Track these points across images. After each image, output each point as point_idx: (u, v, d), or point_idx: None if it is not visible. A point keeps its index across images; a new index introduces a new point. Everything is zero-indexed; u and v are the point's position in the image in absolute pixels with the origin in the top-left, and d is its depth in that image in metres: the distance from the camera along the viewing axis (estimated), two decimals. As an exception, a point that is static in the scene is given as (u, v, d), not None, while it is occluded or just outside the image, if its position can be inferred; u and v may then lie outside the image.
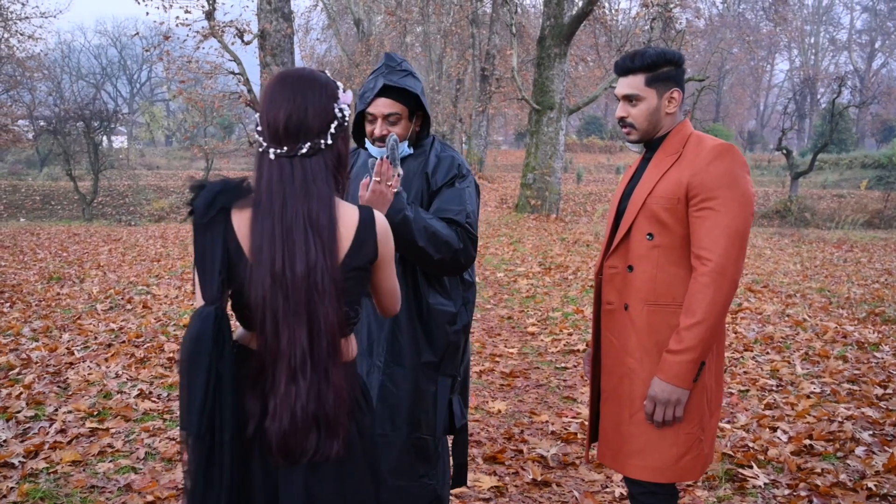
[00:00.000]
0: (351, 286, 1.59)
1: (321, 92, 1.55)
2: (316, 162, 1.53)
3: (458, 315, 2.39)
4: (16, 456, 3.44)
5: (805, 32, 51.67)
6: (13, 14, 30.46)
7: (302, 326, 1.48)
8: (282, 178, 1.51)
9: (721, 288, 1.93)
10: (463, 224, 2.31)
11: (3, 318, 6.55)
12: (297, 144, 1.52)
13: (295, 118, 1.51)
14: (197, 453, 1.48)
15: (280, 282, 1.47)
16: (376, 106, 2.32)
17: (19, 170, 32.69)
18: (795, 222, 20.95)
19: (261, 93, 1.67)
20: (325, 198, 1.52)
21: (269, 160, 1.52)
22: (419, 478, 2.33)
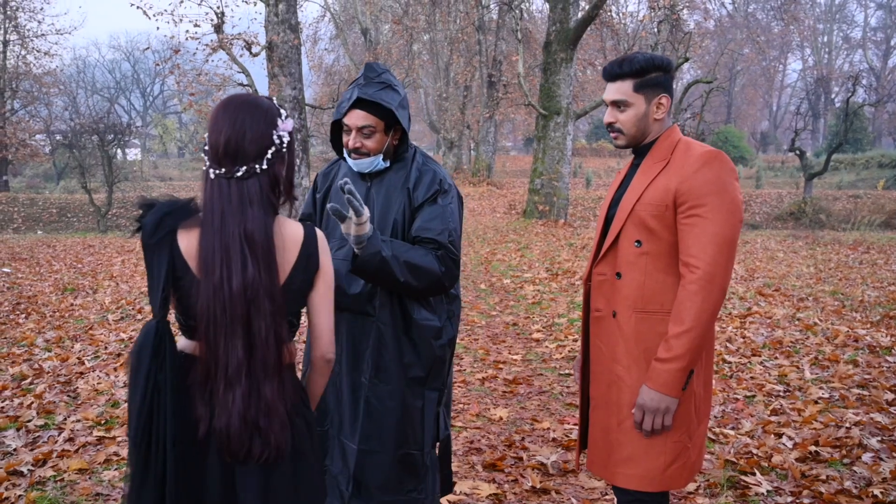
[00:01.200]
0: (296, 298, 1.67)
1: (261, 118, 1.62)
2: (251, 184, 1.60)
3: (443, 329, 2.38)
4: (25, 464, 3.50)
5: (818, 31, 51.18)
6: (30, 31, 30.98)
7: (238, 338, 1.56)
8: (220, 196, 1.59)
9: (709, 296, 1.92)
10: (445, 245, 2.30)
11: (19, 330, 6.64)
12: (234, 167, 1.60)
13: (233, 142, 1.59)
14: (134, 458, 1.58)
15: (218, 295, 1.55)
16: (350, 117, 2.30)
17: (37, 183, 33.15)
18: (810, 224, 20.74)
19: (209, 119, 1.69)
20: (258, 217, 1.59)
21: (210, 179, 1.61)
22: (407, 492, 2.32)
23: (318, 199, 2.50)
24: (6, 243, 15.14)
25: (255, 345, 1.56)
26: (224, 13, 14.00)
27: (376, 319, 2.32)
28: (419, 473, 2.35)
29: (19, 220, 23.47)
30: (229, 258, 1.56)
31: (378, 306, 2.32)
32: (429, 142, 59.37)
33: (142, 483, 1.58)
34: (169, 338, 1.59)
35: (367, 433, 2.28)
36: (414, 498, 2.33)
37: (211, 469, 1.62)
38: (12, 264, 11.53)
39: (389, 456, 2.29)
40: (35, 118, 32.13)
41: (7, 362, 5.45)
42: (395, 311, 2.32)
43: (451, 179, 2.45)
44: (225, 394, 1.56)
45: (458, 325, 2.53)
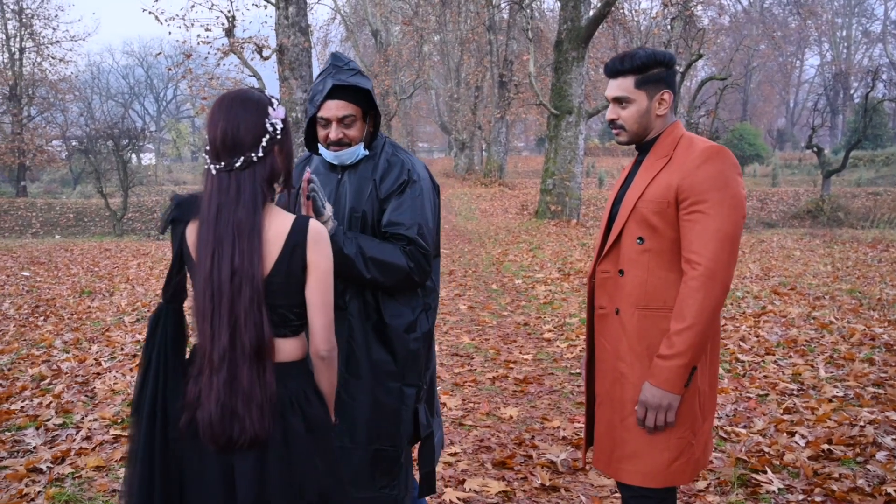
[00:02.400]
0: (284, 290, 1.70)
1: (252, 108, 1.70)
2: (248, 174, 1.68)
3: (416, 322, 2.32)
4: (44, 462, 3.58)
5: (836, 25, 50.55)
6: (45, 38, 31.41)
7: (224, 326, 1.63)
8: (219, 190, 1.67)
9: (711, 292, 1.92)
10: (414, 239, 2.24)
11: (38, 332, 6.75)
12: (232, 159, 1.67)
13: (229, 134, 1.67)
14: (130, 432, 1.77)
15: (208, 284, 1.65)
16: (328, 109, 2.22)
17: (54, 188, 33.60)
18: (828, 222, 20.54)
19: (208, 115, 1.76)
20: (250, 207, 1.66)
21: (210, 175, 1.69)
22: (380, 489, 2.28)
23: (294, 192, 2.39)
24: (25, 248, 15.36)
25: (236, 332, 1.63)
26: (235, 17, 14.13)
27: (346, 312, 2.26)
28: (393, 470, 2.30)
29: (37, 225, 23.80)
30: (221, 248, 1.64)
31: (348, 299, 2.26)
32: (440, 143, 59.42)
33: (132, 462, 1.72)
34: (172, 322, 1.74)
35: (339, 429, 2.22)
36: (387, 494, 2.29)
37: (209, 456, 1.68)
38: (31, 268, 11.70)
39: (361, 451, 2.25)
40: (51, 124, 32.59)
41: (27, 363, 5.55)
42: (367, 304, 2.27)
43: (423, 170, 2.38)
44: (209, 380, 1.64)
45: (435, 318, 2.48)
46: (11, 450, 3.78)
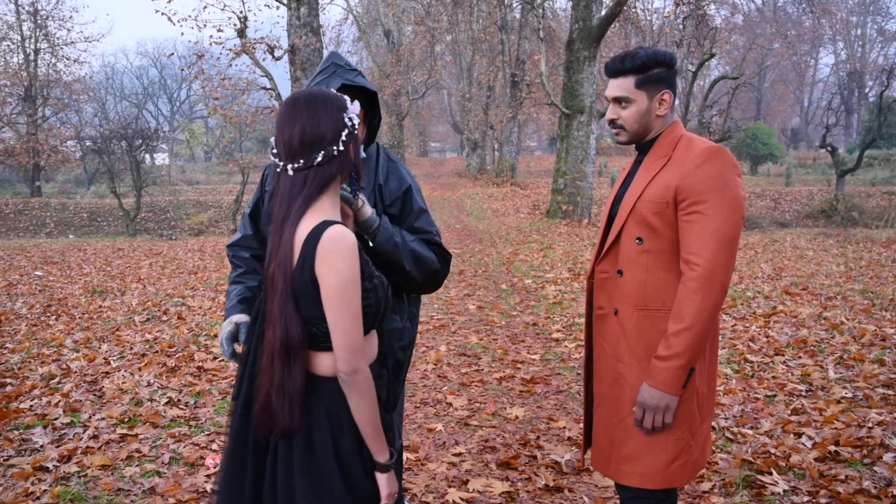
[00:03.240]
0: (303, 300, 1.65)
1: (331, 105, 1.71)
2: (326, 170, 1.68)
3: (404, 330, 2.33)
4: (50, 460, 3.60)
5: (851, 24, 50.10)
6: (60, 39, 31.73)
7: (272, 325, 1.66)
8: (291, 188, 1.68)
9: (710, 293, 1.91)
10: (439, 243, 2.33)
11: (49, 331, 6.81)
12: (312, 155, 1.67)
13: (309, 132, 1.67)
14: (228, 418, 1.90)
15: (266, 283, 1.73)
16: None
17: (68, 188, 33.92)
18: (842, 222, 20.32)
19: (277, 116, 1.77)
20: (299, 207, 1.66)
21: (286, 176, 1.69)
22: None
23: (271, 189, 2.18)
24: (39, 247, 15.52)
25: (279, 334, 1.65)
26: (247, 17, 14.20)
27: None
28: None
29: (52, 225, 24.02)
30: (277, 250, 1.67)
31: None
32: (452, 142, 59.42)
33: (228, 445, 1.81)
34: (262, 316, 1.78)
35: None
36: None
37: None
38: (44, 268, 11.81)
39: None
40: (66, 125, 32.91)
41: (37, 362, 5.60)
42: None
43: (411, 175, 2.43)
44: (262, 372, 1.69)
45: (417, 326, 2.48)
46: (19, 448, 3.81)
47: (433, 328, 6.67)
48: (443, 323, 6.87)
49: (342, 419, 1.67)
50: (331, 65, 2.24)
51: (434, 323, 6.87)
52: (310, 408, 1.67)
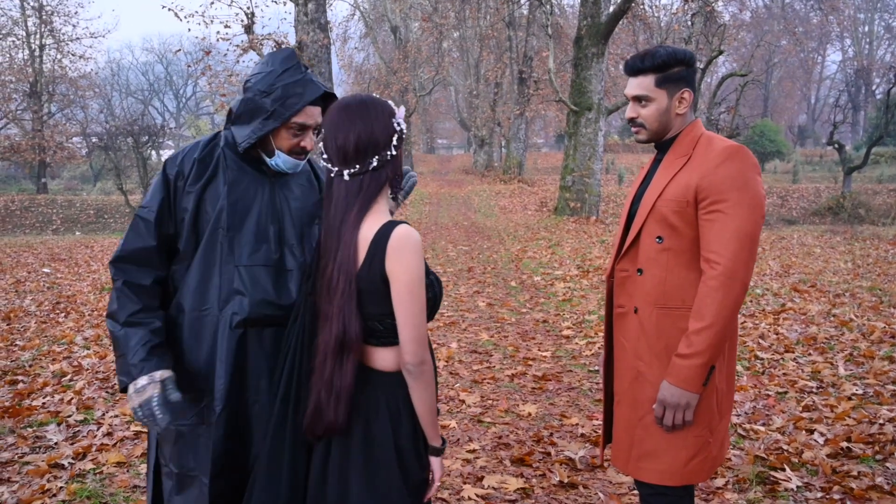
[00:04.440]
0: (368, 297, 1.70)
1: (382, 110, 1.75)
2: (382, 174, 1.74)
3: None
4: (65, 457, 3.62)
5: (858, 21, 49.84)
6: (65, 35, 31.77)
7: (328, 324, 1.70)
8: (348, 195, 1.72)
9: (731, 291, 1.91)
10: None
11: (59, 328, 6.85)
12: (367, 160, 1.71)
13: (364, 137, 1.71)
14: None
15: (324, 281, 1.74)
16: (311, 115, 2.00)
17: (74, 185, 34.02)
18: (849, 219, 20.28)
19: (325, 121, 1.77)
20: (363, 205, 1.71)
21: (342, 181, 1.73)
22: None
23: (198, 189, 1.99)
24: (46, 244, 15.58)
25: (335, 332, 1.69)
26: (254, 14, 14.20)
27: None
28: None
29: (58, 222, 24.08)
30: (336, 250, 1.71)
31: None
32: (459, 139, 59.34)
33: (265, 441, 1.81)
34: (310, 313, 1.81)
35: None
36: None
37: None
38: (52, 265, 11.86)
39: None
40: (71, 121, 32.98)
41: (48, 360, 5.63)
42: None
43: None
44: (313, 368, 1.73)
45: None
46: (33, 445, 3.84)
47: (444, 325, 6.69)
48: (453, 320, 6.88)
49: (401, 411, 1.73)
50: (295, 65, 2.02)
51: (444, 320, 6.88)
52: (368, 402, 1.73)
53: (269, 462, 1.78)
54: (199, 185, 1.98)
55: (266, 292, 1.95)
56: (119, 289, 1.94)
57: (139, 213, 1.98)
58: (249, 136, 1.97)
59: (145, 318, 1.92)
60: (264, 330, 1.97)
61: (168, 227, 1.97)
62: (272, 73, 1.97)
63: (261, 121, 1.96)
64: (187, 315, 1.97)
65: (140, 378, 1.87)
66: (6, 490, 3.27)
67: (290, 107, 1.95)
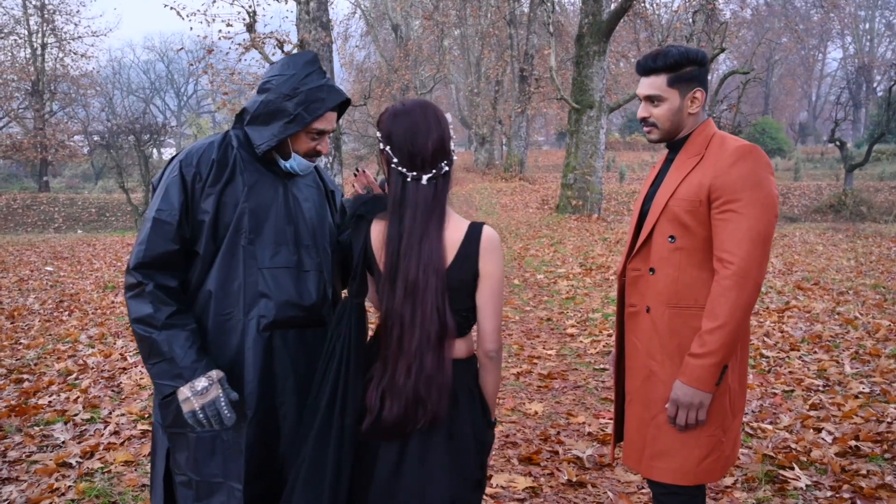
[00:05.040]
0: (454, 294, 1.80)
1: (442, 116, 1.85)
2: (449, 177, 1.83)
3: None
4: (73, 456, 3.63)
5: (859, 18, 49.78)
6: (67, 34, 31.76)
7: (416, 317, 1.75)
8: (426, 198, 1.78)
9: (744, 291, 1.91)
10: None
11: (63, 326, 6.85)
12: (440, 164, 1.80)
13: (438, 143, 1.80)
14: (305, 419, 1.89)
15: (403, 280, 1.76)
16: (329, 121, 2.01)
17: (76, 183, 34.03)
18: (850, 216, 20.28)
19: (391, 126, 1.80)
20: (440, 213, 1.79)
21: (419, 185, 1.78)
22: None
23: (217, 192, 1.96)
24: (48, 242, 15.58)
25: (424, 321, 1.74)
26: (256, 12, 14.17)
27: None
28: None
29: (60, 220, 24.10)
30: (420, 246, 1.76)
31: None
32: (460, 137, 59.24)
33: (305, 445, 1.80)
34: (356, 316, 1.84)
35: None
36: None
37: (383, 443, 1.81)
38: (55, 263, 11.87)
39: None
40: (73, 119, 32.98)
41: (53, 358, 5.63)
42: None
43: None
44: (398, 367, 1.76)
45: None
46: (40, 444, 3.84)
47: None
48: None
49: (473, 394, 1.87)
50: (317, 70, 2.02)
51: (447, 318, 6.87)
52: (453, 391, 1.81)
53: (312, 465, 1.77)
54: (219, 187, 1.95)
55: (289, 294, 1.96)
56: (151, 293, 1.88)
57: (158, 216, 1.92)
58: (270, 139, 1.97)
59: (182, 320, 1.89)
60: (288, 331, 1.97)
61: (186, 231, 1.94)
62: (295, 76, 1.96)
63: (283, 124, 1.95)
64: (211, 319, 1.95)
65: (198, 380, 1.84)
66: (15, 489, 3.27)
67: (312, 111, 1.95)
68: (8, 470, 3.50)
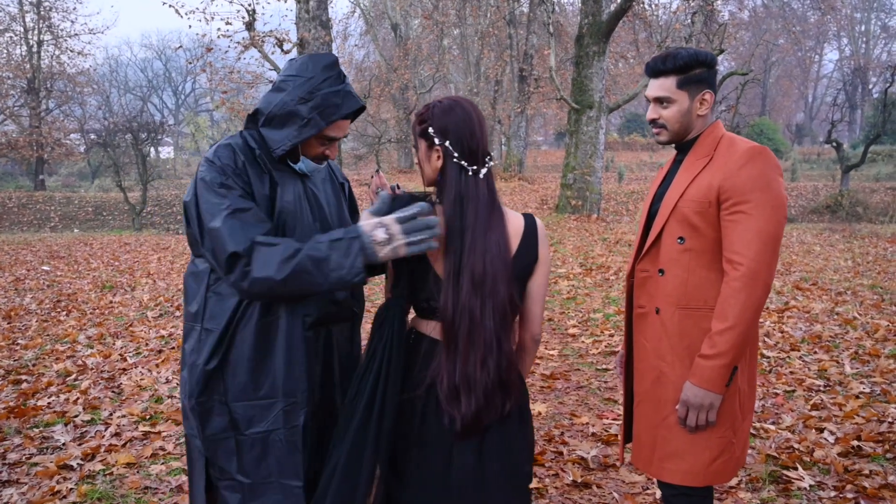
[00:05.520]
0: (517, 284, 1.85)
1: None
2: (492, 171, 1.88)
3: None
4: (74, 458, 3.60)
5: (855, 20, 49.98)
6: (63, 31, 31.64)
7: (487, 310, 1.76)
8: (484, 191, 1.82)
9: (753, 292, 1.92)
10: None
11: (60, 327, 6.82)
12: (486, 159, 1.85)
13: (485, 137, 1.86)
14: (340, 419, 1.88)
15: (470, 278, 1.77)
16: (342, 128, 2.00)
17: (72, 182, 33.90)
18: (847, 217, 20.32)
19: (445, 121, 1.81)
20: (497, 204, 1.85)
21: (478, 179, 1.82)
22: None
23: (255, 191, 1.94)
24: (44, 241, 15.51)
25: (493, 312, 1.76)
26: (255, 10, 14.16)
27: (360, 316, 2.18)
28: None
29: (56, 219, 24.00)
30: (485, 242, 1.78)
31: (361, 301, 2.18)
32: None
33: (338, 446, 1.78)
34: (398, 316, 1.85)
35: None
36: None
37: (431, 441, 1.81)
38: (51, 262, 11.82)
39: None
40: (69, 117, 32.86)
41: (51, 359, 5.60)
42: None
43: None
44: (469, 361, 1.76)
45: None
46: (40, 446, 3.81)
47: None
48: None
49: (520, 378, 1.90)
50: (337, 74, 1.97)
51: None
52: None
53: (347, 468, 1.77)
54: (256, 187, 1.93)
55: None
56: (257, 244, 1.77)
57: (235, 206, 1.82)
58: (284, 143, 1.94)
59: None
60: (321, 328, 1.99)
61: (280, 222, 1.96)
62: (312, 80, 1.92)
63: (297, 128, 1.92)
64: (258, 322, 1.91)
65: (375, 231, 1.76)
66: (15, 492, 3.25)
67: (326, 116, 1.93)
68: (8, 472, 3.48)
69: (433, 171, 1.84)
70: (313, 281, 1.76)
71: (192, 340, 1.97)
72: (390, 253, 1.77)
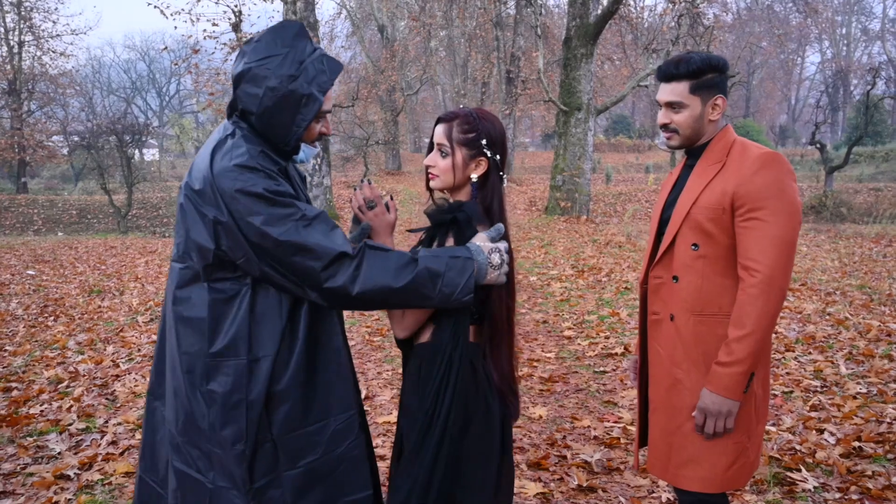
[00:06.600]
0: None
1: None
2: None
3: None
4: (71, 468, 3.53)
5: (836, 23, 50.66)
6: (45, 32, 31.27)
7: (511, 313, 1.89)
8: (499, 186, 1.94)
9: (770, 299, 1.91)
10: None
11: (49, 332, 6.71)
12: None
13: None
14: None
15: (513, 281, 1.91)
16: (330, 99, 1.83)
17: (55, 185, 33.48)
18: (831, 217, 20.50)
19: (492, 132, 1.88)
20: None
21: (505, 186, 1.94)
22: None
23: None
24: (28, 245, 15.30)
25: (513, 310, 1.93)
26: (242, 12, 14.08)
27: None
28: None
29: (39, 222, 23.69)
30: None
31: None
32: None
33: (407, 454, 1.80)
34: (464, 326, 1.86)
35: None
36: None
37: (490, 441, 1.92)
38: (36, 266, 11.65)
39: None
40: (52, 119, 32.45)
41: (41, 365, 5.50)
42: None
43: None
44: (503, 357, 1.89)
45: None
46: (35, 455, 3.73)
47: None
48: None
49: None
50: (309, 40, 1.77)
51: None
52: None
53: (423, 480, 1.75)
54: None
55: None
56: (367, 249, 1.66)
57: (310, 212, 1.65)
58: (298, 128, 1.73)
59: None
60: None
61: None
62: (292, 53, 1.70)
63: (301, 108, 1.71)
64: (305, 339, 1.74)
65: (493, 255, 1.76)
66: (12, 503, 3.18)
67: (322, 86, 1.73)
68: (3, 483, 3.41)
69: (465, 178, 1.87)
70: (425, 294, 1.65)
71: (224, 377, 1.70)
72: (495, 279, 1.74)
